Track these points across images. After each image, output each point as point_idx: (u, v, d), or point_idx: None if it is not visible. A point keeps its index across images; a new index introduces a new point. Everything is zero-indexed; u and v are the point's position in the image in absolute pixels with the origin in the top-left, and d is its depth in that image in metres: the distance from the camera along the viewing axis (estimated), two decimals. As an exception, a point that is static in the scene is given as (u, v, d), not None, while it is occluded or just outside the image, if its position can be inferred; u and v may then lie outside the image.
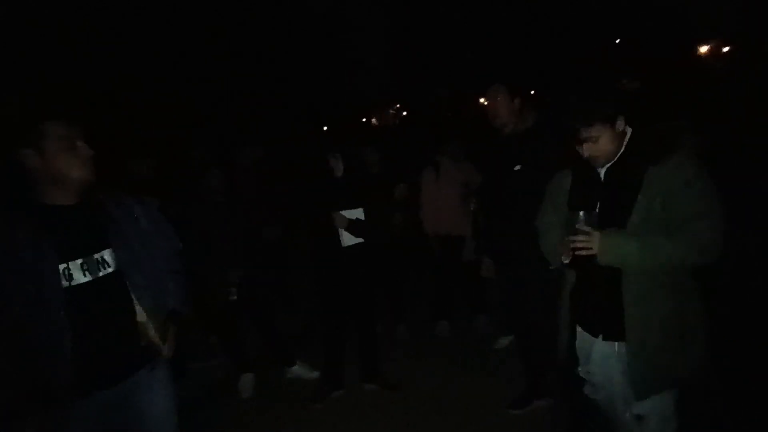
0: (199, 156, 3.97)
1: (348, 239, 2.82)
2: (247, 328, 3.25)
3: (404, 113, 27.82)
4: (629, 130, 1.56)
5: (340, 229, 2.79)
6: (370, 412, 2.78)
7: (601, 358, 1.63)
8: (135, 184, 3.23)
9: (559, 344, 1.79)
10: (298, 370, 3.22)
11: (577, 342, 1.73)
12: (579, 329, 1.71)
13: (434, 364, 3.22)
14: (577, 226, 1.47)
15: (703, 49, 14.56)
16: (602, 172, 1.60)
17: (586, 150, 1.55)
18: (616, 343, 1.58)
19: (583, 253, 1.47)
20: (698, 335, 1.53)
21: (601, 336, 1.61)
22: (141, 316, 1.55)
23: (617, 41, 18.42)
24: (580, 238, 1.46)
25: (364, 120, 24.54)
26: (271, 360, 3.25)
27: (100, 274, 1.46)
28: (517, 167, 2.31)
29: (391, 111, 29.32)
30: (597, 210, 1.53)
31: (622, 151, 1.56)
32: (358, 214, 2.80)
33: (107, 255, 1.48)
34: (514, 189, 2.30)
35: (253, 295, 3.15)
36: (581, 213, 1.48)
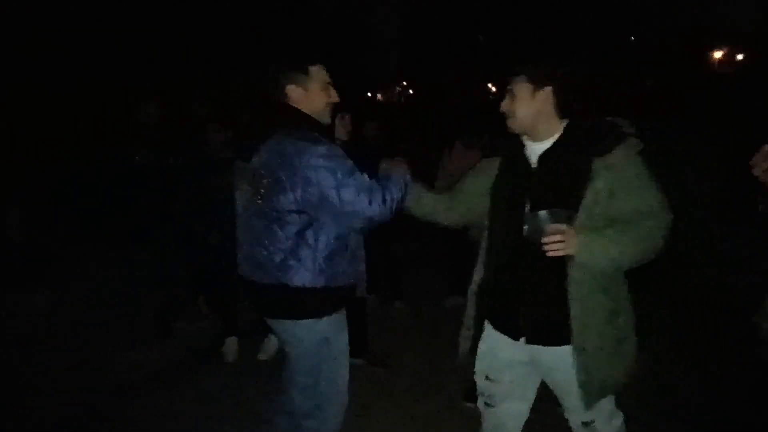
0: (200, 108, 3.84)
1: None
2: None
3: (410, 91, 27.47)
4: (565, 121, 1.48)
5: None
6: (354, 386, 2.79)
7: (517, 362, 1.56)
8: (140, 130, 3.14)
9: (461, 347, 1.69)
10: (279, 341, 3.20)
11: (483, 345, 1.63)
12: (489, 332, 1.61)
13: (427, 342, 3.23)
14: (552, 226, 1.32)
15: (718, 54, 14.41)
16: (534, 159, 1.49)
17: (504, 105, 1.51)
18: (541, 348, 1.49)
19: (558, 253, 1.33)
20: (630, 337, 1.50)
21: (523, 339, 1.50)
22: None
23: (632, 38, 18.20)
24: (557, 238, 1.32)
25: (369, 94, 24.22)
26: (262, 328, 3.23)
27: None
28: None
29: (398, 88, 28.92)
30: (528, 200, 1.45)
31: (556, 138, 1.47)
32: None
33: None
34: None
35: None
36: (544, 212, 1.33)
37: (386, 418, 2.49)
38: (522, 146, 1.53)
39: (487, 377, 1.65)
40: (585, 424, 1.54)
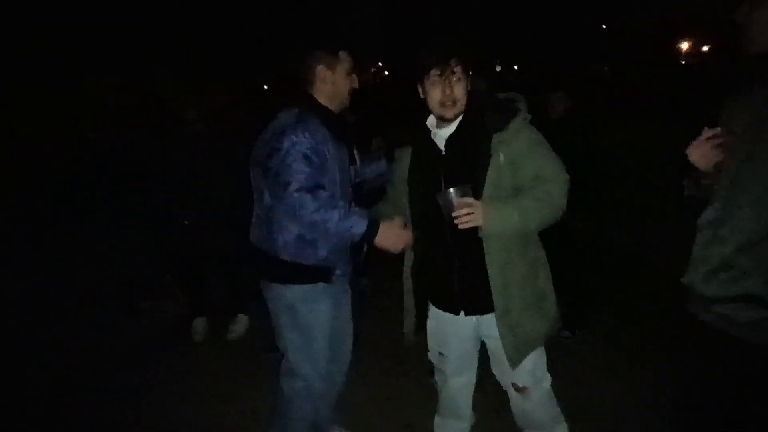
0: (164, 82, 3.67)
1: None
2: (211, 272, 3.18)
3: (385, 72, 27.17)
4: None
5: None
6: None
7: (465, 336, 1.68)
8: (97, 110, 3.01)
9: (405, 328, 1.81)
10: (248, 321, 3.18)
11: (432, 323, 1.74)
12: (434, 310, 1.72)
13: (395, 319, 3.27)
14: (459, 200, 1.42)
15: (684, 45, 14.84)
16: (441, 144, 1.57)
17: (450, 87, 1.48)
18: (480, 317, 1.61)
19: (469, 225, 1.43)
20: (549, 295, 1.62)
21: (463, 312, 1.61)
22: None
23: (603, 27, 18.48)
24: (464, 210, 1.42)
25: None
26: (229, 308, 3.21)
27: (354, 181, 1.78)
28: None
29: (373, 69, 28.54)
30: (443, 183, 1.52)
31: (458, 122, 1.55)
32: None
33: (356, 168, 1.82)
34: None
35: (225, 237, 2.93)
36: (452, 190, 1.43)
37: (356, 395, 2.54)
38: (428, 133, 1.61)
39: (439, 353, 1.77)
40: (516, 386, 1.66)
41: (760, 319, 1.13)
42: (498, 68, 23.85)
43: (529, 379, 1.64)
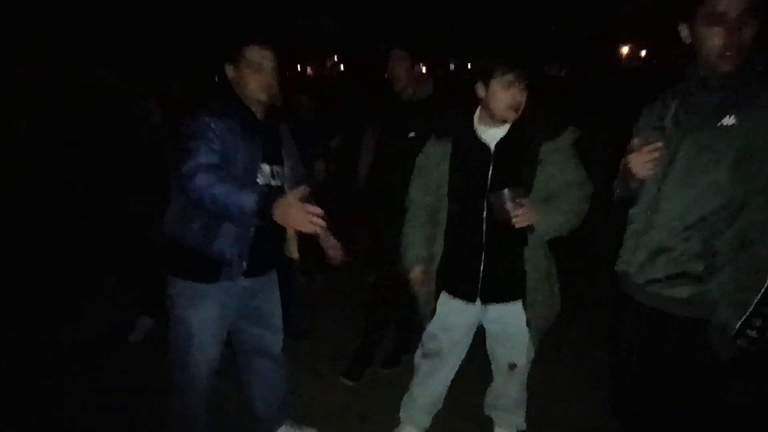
0: (107, 72, 3.47)
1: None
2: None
3: (341, 66, 26.98)
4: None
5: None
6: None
7: (466, 323, 1.86)
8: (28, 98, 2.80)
9: (425, 315, 1.93)
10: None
11: (440, 309, 1.88)
12: (445, 299, 1.85)
13: (349, 315, 3.30)
14: (515, 201, 1.56)
15: (624, 50, 15.71)
16: (492, 144, 1.71)
17: (518, 100, 1.64)
18: (494, 306, 1.79)
19: (524, 223, 1.59)
20: (556, 289, 1.84)
21: (479, 300, 1.78)
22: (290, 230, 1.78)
23: (553, 29, 19.21)
24: (521, 210, 1.56)
25: (298, 68, 23.41)
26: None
27: (273, 183, 1.71)
28: (411, 134, 2.24)
29: (328, 63, 28.22)
30: (489, 181, 1.68)
31: (510, 125, 1.70)
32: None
33: (279, 169, 1.75)
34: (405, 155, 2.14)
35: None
36: (506, 190, 1.56)
37: (308, 390, 2.54)
38: (474, 130, 1.73)
39: (435, 336, 1.93)
40: (512, 364, 1.89)
41: (693, 294, 1.24)
42: (452, 66, 24.28)
43: (524, 358, 1.87)
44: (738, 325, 1.14)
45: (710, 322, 1.20)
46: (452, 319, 1.86)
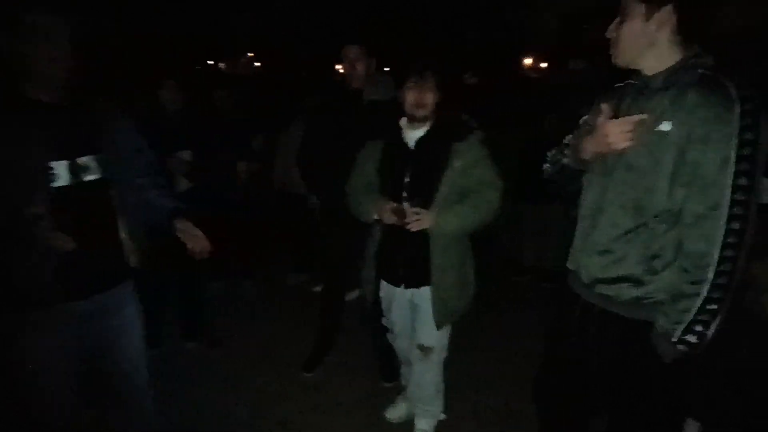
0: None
1: (183, 185, 2.67)
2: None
3: (257, 64, 26.08)
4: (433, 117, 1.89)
5: (176, 173, 2.64)
6: (188, 371, 2.65)
7: (402, 304, 2.03)
8: None
9: (367, 297, 2.12)
10: None
11: (381, 294, 2.07)
12: (383, 283, 2.05)
13: (270, 320, 3.21)
14: (411, 210, 1.82)
15: (528, 61, 16.96)
16: (412, 143, 1.89)
17: (420, 94, 1.81)
18: (414, 290, 1.96)
19: (417, 229, 1.81)
20: (471, 279, 2.01)
21: (403, 285, 1.97)
22: (122, 230, 1.51)
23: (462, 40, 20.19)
24: (414, 218, 1.81)
25: (211, 62, 22.21)
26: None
27: (84, 179, 1.41)
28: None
29: (243, 59, 27.11)
30: (408, 175, 1.87)
31: (429, 127, 1.88)
32: (186, 156, 2.71)
33: (91, 160, 1.43)
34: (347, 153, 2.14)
35: None
36: (405, 204, 1.83)
37: (227, 395, 2.43)
38: (400, 131, 1.92)
39: (386, 316, 2.12)
40: (422, 346, 2.01)
41: (637, 297, 1.27)
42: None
43: (436, 342, 2.00)
44: (679, 332, 1.18)
45: (654, 325, 1.24)
46: (389, 301, 2.06)
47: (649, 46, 1.25)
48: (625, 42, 1.27)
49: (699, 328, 1.18)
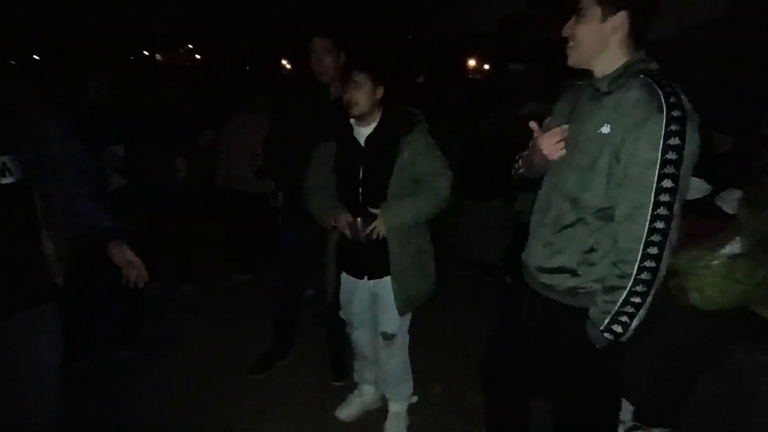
0: None
1: (116, 181, 2.56)
2: None
3: (197, 56, 24.98)
4: (381, 110, 1.96)
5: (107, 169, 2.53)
6: (124, 380, 2.50)
7: (363, 295, 2.09)
8: None
9: (327, 291, 2.15)
10: None
11: (344, 285, 2.12)
12: (344, 277, 2.10)
13: (210, 323, 3.10)
14: (365, 226, 1.89)
15: (472, 62, 17.42)
16: (362, 140, 1.95)
17: (350, 92, 1.86)
18: (376, 281, 2.02)
19: (375, 235, 1.89)
20: (431, 266, 2.09)
21: (366, 277, 2.04)
22: (46, 243, 1.31)
23: (409, 37, 20.42)
24: (369, 231, 1.89)
25: (146, 53, 20.99)
26: None
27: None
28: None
29: (182, 50, 25.86)
30: (361, 171, 1.93)
31: (376, 124, 1.95)
32: (118, 151, 2.62)
33: (9, 161, 1.27)
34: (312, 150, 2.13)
35: None
36: (358, 220, 1.90)
37: (171, 399, 2.33)
38: (351, 130, 1.98)
39: (345, 309, 2.16)
40: (386, 334, 2.06)
41: (574, 287, 1.37)
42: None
43: (399, 328, 2.07)
44: (606, 322, 1.28)
45: (587, 314, 1.34)
46: (351, 292, 2.11)
47: (602, 48, 1.30)
48: (580, 42, 1.33)
49: (624, 318, 1.27)
